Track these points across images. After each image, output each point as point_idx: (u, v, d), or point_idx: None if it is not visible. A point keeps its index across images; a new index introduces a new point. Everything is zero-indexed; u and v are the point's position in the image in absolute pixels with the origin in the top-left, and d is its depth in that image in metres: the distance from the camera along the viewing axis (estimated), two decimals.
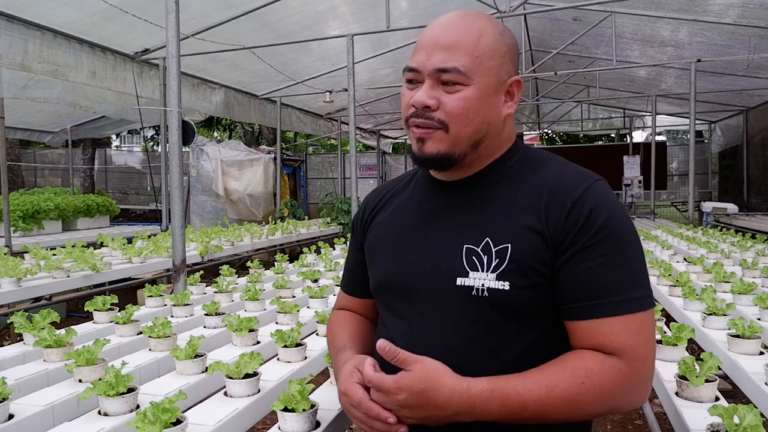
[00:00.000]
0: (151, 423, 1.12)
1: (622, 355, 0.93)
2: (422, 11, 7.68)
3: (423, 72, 1.02)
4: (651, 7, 7.07)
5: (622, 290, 0.95)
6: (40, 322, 1.99)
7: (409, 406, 0.93)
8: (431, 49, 1.01)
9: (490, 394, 0.91)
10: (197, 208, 10.71)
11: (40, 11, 5.36)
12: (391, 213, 1.18)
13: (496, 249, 1.00)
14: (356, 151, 6.90)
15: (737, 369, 1.73)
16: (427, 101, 1.01)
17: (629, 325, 0.94)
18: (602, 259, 0.95)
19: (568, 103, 14.49)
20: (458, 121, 1.01)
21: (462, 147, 1.03)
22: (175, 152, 3.44)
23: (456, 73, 0.99)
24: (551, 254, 0.98)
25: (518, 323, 1.00)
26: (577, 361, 0.94)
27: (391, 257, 1.13)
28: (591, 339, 0.96)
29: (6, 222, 6.20)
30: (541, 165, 1.07)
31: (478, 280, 0.99)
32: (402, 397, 0.92)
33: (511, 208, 1.02)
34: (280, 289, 2.87)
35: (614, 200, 1.01)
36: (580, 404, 0.92)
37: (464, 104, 1.00)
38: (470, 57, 1.00)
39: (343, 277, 1.35)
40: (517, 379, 0.93)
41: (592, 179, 1.02)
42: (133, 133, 21.26)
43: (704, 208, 9.44)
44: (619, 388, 0.93)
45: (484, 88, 1.01)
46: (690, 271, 3.48)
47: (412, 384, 0.92)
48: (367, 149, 16.98)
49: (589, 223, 0.96)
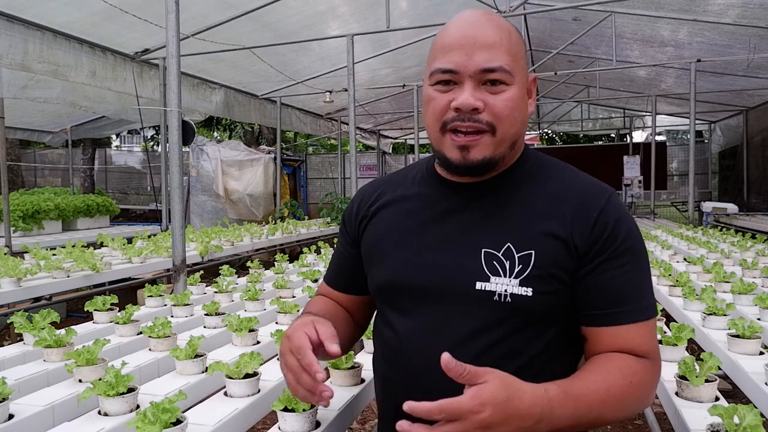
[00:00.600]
0: (151, 423, 1.12)
1: (649, 357, 0.99)
2: (422, 11, 7.68)
3: (463, 73, 0.98)
4: (651, 7, 7.07)
5: (641, 298, 1.00)
6: (40, 322, 1.99)
7: (493, 424, 0.81)
8: (471, 48, 0.97)
9: (565, 397, 0.88)
10: (197, 208, 10.71)
11: (40, 11, 5.36)
12: (395, 211, 1.15)
13: (519, 255, 1.00)
14: (356, 151, 6.90)
15: (737, 369, 1.73)
16: (475, 103, 0.97)
17: (650, 329, 1.00)
18: (626, 268, 0.99)
19: (568, 103, 14.49)
20: (505, 123, 0.99)
21: (503, 149, 1.02)
22: (175, 152, 3.44)
23: (502, 73, 0.97)
24: (574, 262, 1.00)
25: (534, 328, 1.01)
26: (622, 362, 0.97)
27: (400, 257, 1.10)
28: (617, 343, 0.99)
29: (6, 222, 6.20)
30: (555, 172, 1.09)
31: (500, 286, 0.99)
32: (486, 414, 0.80)
33: (532, 215, 1.03)
34: (280, 289, 2.87)
35: (627, 210, 1.07)
36: (628, 404, 0.96)
37: (511, 104, 0.99)
38: (509, 56, 0.99)
39: (328, 267, 1.33)
40: (580, 381, 0.93)
41: (609, 191, 1.06)
42: (133, 133, 21.27)
43: (704, 208, 9.44)
44: (653, 387, 1.00)
45: (522, 87, 1.02)
46: (690, 271, 3.48)
47: (494, 395, 0.81)
48: (367, 149, 16.98)
49: (615, 234, 0.99)
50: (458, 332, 1.00)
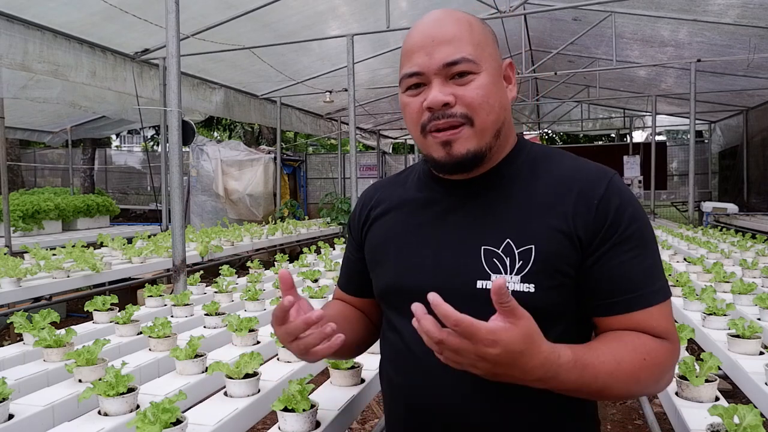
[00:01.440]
0: (151, 423, 1.12)
1: (666, 337, 0.97)
2: (422, 11, 7.68)
3: (428, 73, 0.98)
4: (651, 7, 7.08)
5: (653, 280, 0.98)
6: (40, 322, 1.99)
7: (497, 363, 0.81)
8: (431, 47, 0.98)
9: (574, 365, 0.88)
10: (197, 208, 10.72)
11: (40, 11, 5.36)
12: (394, 213, 1.15)
13: (519, 251, 0.98)
14: (356, 151, 6.90)
15: (737, 369, 1.73)
16: (445, 98, 0.96)
17: (664, 311, 0.98)
18: (633, 253, 0.97)
19: (568, 103, 14.49)
20: (481, 111, 0.98)
21: (487, 139, 1.01)
22: (175, 152, 3.44)
23: (466, 63, 0.97)
24: (578, 254, 0.97)
25: (540, 325, 0.99)
26: (636, 339, 0.95)
27: (400, 260, 1.09)
28: (635, 328, 0.97)
29: (6, 222, 6.20)
30: (551, 161, 1.06)
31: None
32: (494, 352, 0.80)
33: (531, 208, 1.01)
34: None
35: (631, 192, 1.03)
36: (640, 380, 0.94)
37: (482, 91, 0.98)
38: (472, 45, 0.98)
39: (340, 273, 1.34)
40: (592, 351, 0.92)
41: (610, 173, 1.02)
42: (133, 133, 21.28)
43: (704, 208, 9.44)
44: (670, 367, 0.98)
45: (493, 73, 1.00)
46: (690, 271, 3.48)
47: (512, 341, 0.80)
48: (367, 149, 16.98)
49: (618, 221, 0.97)
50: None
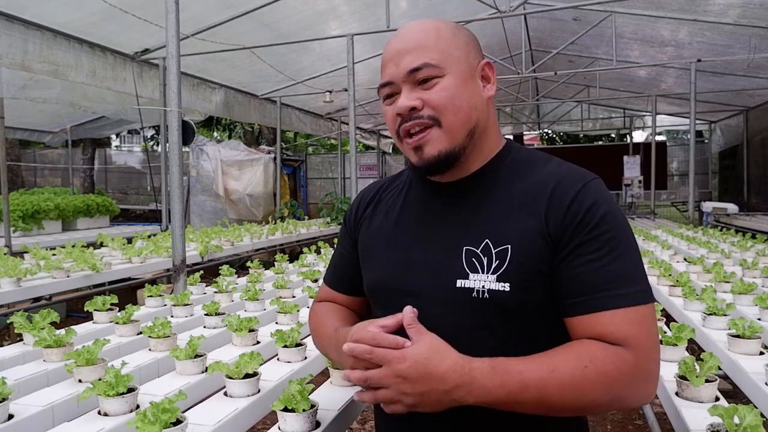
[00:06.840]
0: (151, 423, 1.12)
1: (625, 345, 0.93)
2: (422, 11, 7.68)
3: (397, 82, 1.04)
4: (651, 7, 7.08)
5: (621, 284, 0.95)
6: (40, 322, 1.99)
7: (409, 377, 0.90)
8: (398, 58, 1.04)
9: (490, 370, 0.90)
10: (197, 208, 10.71)
11: (40, 11, 5.36)
12: (387, 213, 1.18)
13: (496, 250, 1.00)
14: (356, 151, 6.91)
15: (737, 369, 1.73)
16: (410, 103, 1.02)
17: (631, 317, 0.94)
18: (600, 253, 0.95)
19: (568, 103, 14.50)
20: (447, 111, 1.02)
21: (459, 139, 1.04)
22: (175, 152, 3.44)
23: (429, 68, 1.01)
24: (551, 253, 0.98)
25: (520, 325, 1.00)
26: (581, 347, 0.94)
27: (388, 258, 1.12)
28: (593, 330, 0.94)
29: (6, 222, 6.20)
30: (536, 166, 1.08)
31: (478, 282, 0.99)
32: (404, 366, 0.90)
33: (510, 209, 1.03)
34: (280, 289, 2.87)
35: (610, 198, 1.02)
36: (582, 389, 0.91)
37: (447, 93, 1.02)
38: (436, 51, 1.02)
39: (328, 270, 1.33)
40: (519, 359, 0.93)
41: (589, 177, 1.03)
42: (133, 133, 21.28)
43: (704, 208, 9.44)
44: (623, 377, 0.92)
45: (459, 75, 1.03)
46: (690, 271, 3.48)
47: (417, 352, 0.91)
48: (367, 149, 16.99)
49: (587, 219, 0.97)
50: (444, 331, 0.99)
